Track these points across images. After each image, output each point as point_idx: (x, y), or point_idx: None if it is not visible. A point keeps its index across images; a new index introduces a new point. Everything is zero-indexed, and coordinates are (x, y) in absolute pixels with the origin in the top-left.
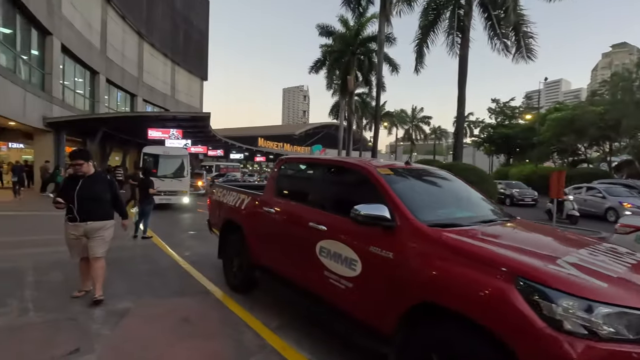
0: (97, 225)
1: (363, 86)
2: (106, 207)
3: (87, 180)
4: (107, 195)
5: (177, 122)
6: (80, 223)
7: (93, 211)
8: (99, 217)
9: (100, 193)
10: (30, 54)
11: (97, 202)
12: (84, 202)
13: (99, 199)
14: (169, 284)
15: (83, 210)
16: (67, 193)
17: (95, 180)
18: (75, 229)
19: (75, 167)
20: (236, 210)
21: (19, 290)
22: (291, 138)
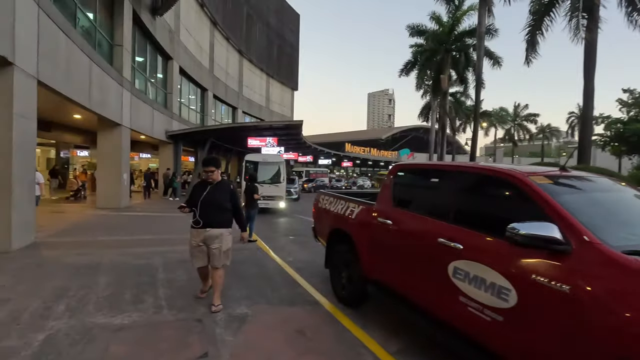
0: (215, 232)
1: (457, 84)
2: (226, 215)
3: (213, 188)
4: (228, 204)
5: (273, 130)
6: (201, 229)
7: (213, 218)
8: (217, 225)
9: (222, 201)
10: (156, 77)
11: (217, 210)
12: (206, 209)
13: (220, 207)
14: (279, 291)
15: (204, 216)
16: (193, 198)
17: (220, 188)
18: (197, 235)
19: (207, 173)
20: (346, 219)
21: (153, 287)
22: (377, 142)
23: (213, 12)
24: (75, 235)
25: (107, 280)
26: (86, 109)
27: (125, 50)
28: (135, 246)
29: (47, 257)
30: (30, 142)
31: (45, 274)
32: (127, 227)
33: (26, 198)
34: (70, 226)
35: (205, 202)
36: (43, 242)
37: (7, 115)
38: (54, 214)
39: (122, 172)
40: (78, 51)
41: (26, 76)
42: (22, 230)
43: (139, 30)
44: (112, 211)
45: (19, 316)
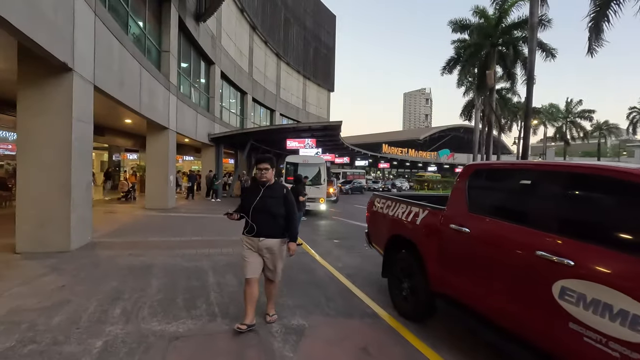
0: (270, 243)
1: (503, 80)
2: (280, 223)
3: (267, 191)
4: (281, 210)
5: (311, 131)
6: (255, 238)
7: (266, 226)
8: (271, 234)
9: (276, 206)
10: (199, 82)
11: (271, 218)
12: (258, 215)
13: (273, 214)
14: (333, 301)
15: (257, 224)
16: (245, 204)
17: (274, 191)
18: (250, 242)
19: (262, 171)
20: (408, 225)
21: (204, 292)
22: (415, 143)
23: (252, 17)
24: (127, 236)
25: (159, 283)
26: (136, 113)
27: (172, 56)
28: (184, 248)
29: (103, 257)
30: (87, 145)
31: (101, 275)
32: (174, 228)
33: (84, 199)
34: (122, 226)
35: (258, 209)
36: (98, 242)
37: (67, 119)
38: (107, 214)
39: (169, 174)
40: (130, 57)
41: (84, 81)
42: (80, 231)
43: (184, 37)
44: (160, 212)
45: (78, 319)
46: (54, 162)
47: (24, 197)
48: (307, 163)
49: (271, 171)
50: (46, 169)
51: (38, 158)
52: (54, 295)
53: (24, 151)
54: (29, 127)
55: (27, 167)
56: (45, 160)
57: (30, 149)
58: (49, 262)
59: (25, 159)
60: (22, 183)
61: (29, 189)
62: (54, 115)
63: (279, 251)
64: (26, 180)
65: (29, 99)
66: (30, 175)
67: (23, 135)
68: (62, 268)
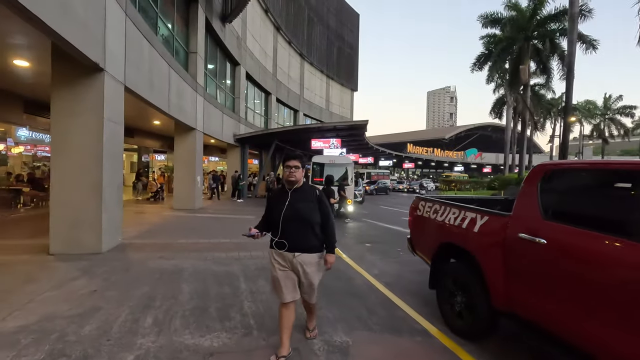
0: (306, 259)
1: (537, 76)
2: (316, 232)
3: (296, 196)
4: (316, 216)
5: (336, 131)
6: (287, 253)
7: (302, 238)
8: (308, 248)
9: (310, 213)
10: (225, 83)
11: (306, 227)
12: (290, 225)
13: (308, 222)
14: (376, 314)
15: (288, 235)
16: (272, 213)
17: (305, 194)
18: (282, 259)
19: (291, 169)
20: (463, 232)
21: (237, 301)
22: (440, 142)
23: (276, 17)
24: (156, 237)
25: (191, 289)
26: (165, 114)
27: (199, 57)
28: (213, 250)
29: (133, 260)
30: (118, 146)
31: (132, 279)
32: (202, 229)
33: (115, 200)
34: (151, 227)
35: (289, 218)
36: (129, 244)
37: (98, 119)
38: (137, 215)
39: (196, 175)
40: (159, 58)
41: (115, 82)
42: (111, 232)
43: (210, 38)
44: (188, 212)
45: (109, 330)
46: (85, 162)
47: (57, 198)
48: (334, 163)
49: (301, 171)
50: (78, 169)
51: (70, 159)
52: (85, 302)
53: (57, 152)
54: (62, 128)
55: (59, 168)
56: (77, 161)
57: (63, 150)
58: (81, 265)
59: (58, 160)
60: (55, 184)
61: (61, 189)
62: (85, 116)
63: (318, 267)
64: (59, 181)
65: (62, 99)
66: (62, 176)
67: (56, 137)
68: (94, 271)
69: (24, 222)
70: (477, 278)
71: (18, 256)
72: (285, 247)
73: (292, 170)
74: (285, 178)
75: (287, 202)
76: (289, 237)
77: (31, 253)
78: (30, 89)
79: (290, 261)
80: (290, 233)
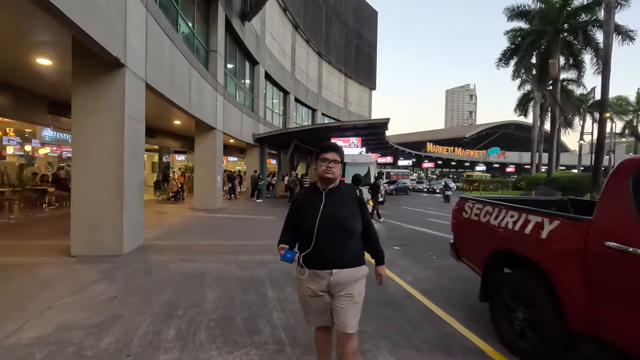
0: (347, 276)
1: (567, 70)
2: (357, 242)
3: (333, 196)
4: (358, 222)
5: (356, 130)
6: (322, 271)
7: (339, 251)
8: (349, 261)
9: (352, 219)
10: (244, 82)
11: (347, 235)
12: (326, 235)
13: (349, 230)
14: (420, 328)
15: (326, 249)
16: (302, 220)
17: (344, 196)
18: (313, 280)
19: (329, 164)
20: (525, 239)
21: (265, 310)
22: (460, 141)
23: (295, 16)
24: (178, 238)
25: (215, 296)
26: (186, 112)
27: (219, 56)
28: (236, 253)
29: (155, 262)
30: (139, 145)
31: (154, 284)
32: (224, 230)
33: (136, 200)
34: (172, 228)
35: (325, 226)
36: (150, 245)
37: (119, 117)
38: (158, 215)
39: (216, 175)
40: (180, 55)
41: (136, 78)
42: (132, 233)
43: (230, 37)
44: (208, 212)
45: (129, 343)
46: (106, 161)
47: (78, 198)
48: (357, 162)
49: (340, 166)
50: (99, 168)
51: (91, 157)
52: (105, 309)
53: (78, 151)
54: (82, 127)
55: (80, 167)
56: (97, 160)
57: (84, 149)
58: (102, 268)
59: (79, 159)
60: (76, 183)
61: (82, 189)
62: (106, 113)
63: (360, 285)
64: (79, 180)
65: (83, 97)
66: (83, 175)
67: (77, 135)
68: (114, 274)
69: (47, 222)
70: (546, 292)
71: (40, 258)
72: (321, 262)
73: (329, 164)
74: (320, 175)
75: (321, 206)
76: (325, 250)
77: (52, 255)
78: (53, 88)
79: (327, 281)
80: (327, 245)
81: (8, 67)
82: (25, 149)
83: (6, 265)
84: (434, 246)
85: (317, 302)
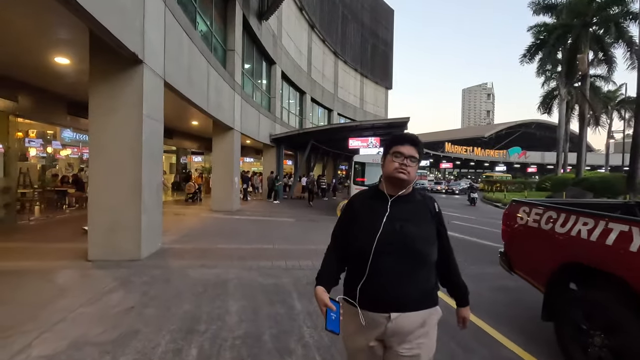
0: (412, 322)
1: (595, 66)
2: (430, 275)
3: (401, 206)
4: (433, 248)
5: (374, 130)
6: (379, 314)
7: (405, 285)
8: (416, 302)
9: (426, 240)
10: (261, 82)
11: (415, 263)
12: (387, 260)
13: (421, 256)
14: (474, 352)
15: (382, 279)
16: (354, 232)
17: (415, 207)
18: (365, 331)
19: (405, 161)
20: (607, 250)
21: (295, 325)
22: (479, 141)
23: (311, 15)
24: (197, 241)
25: (238, 307)
26: (204, 112)
27: (237, 55)
28: (257, 258)
29: (174, 268)
30: (157, 144)
31: (173, 294)
32: (243, 232)
33: (154, 202)
34: (190, 230)
35: (388, 245)
36: (168, 249)
37: (137, 115)
38: (176, 217)
39: (234, 176)
40: (198, 54)
41: (154, 75)
42: (150, 237)
43: (247, 36)
44: (226, 214)
45: None
46: (123, 161)
47: (95, 200)
48: (377, 162)
49: (417, 166)
50: (116, 169)
51: (108, 158)
52: (121, 322)
53: (95, 151)
54: (99, 126)
55: (97, 168)
56: (115, 160)
57: (101, 149)
58: (119, 274)
59: (96, 160)
60: (93, 185)
61: (99, 191)
62: (124, 112)
63: (430, 339)
64: (97, 182)
65: (100, 96)
66: (100, 176)
67: (94, 135)
68: (132, 281)
69: (67, 223)
70: (636, 315)
71: (56, 262)
72: (374, 303)
73: (405, 162)
74: (389, 174)
75: (384, 218)
76: (382, 283)
77: (69, 258)
78: (72, 88)
79: (384, 327)
80: (386, 275)
81: (28, 66)
82: (48, 151)
83: (22, 270)
84: (465, 251)
85: (371, 354)
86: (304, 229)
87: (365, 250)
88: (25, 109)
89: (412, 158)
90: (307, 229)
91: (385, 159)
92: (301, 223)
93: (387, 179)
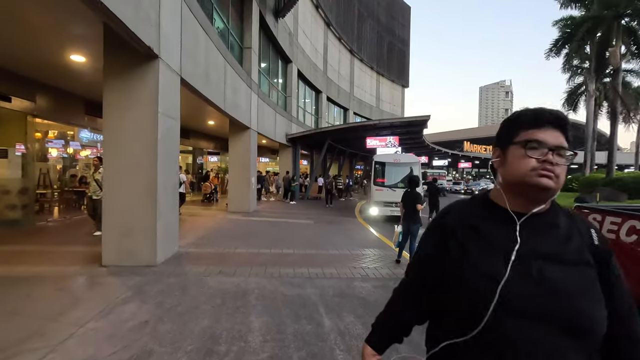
0: None
1: (627, 59)
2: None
3: (539, 234)
4: (602, 312)
5: (392, 129)
6: None
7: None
8: None
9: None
10: (277, 81)
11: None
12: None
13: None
14: None
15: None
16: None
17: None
18: None
19: (550, 155)
20: None
21: (326, 347)
22: None
23: (327, 13)
24: (214, 245)
25: (261, 324)
26: (221, 110)
27: (254, 53)
28: (278, 264)
29: (190, 276)
30: (174, 144)
31: (190, 306)
32: (261, 235)
33: (170, 204)
34: (207, 232)
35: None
36: (185, 253)
37: (153, 113)
38: (192, 218)
39: (250, 176)
40: (215, 51)
41: (170, 71)
42: (166, 241)
43: (264, 34)
44: (242, 215)
45: None
46: (139, 162)
47: (109, 202)
48: (399, 162)
49: (569, 162)
50: (131, 169)
51: (123, 158)
52: (134, 340)
53: (109, 151)
54: (113, 125)
55: (111, 169)
56: (130, 160)
57: (115, 148)
58: (133, 282)
59: (110, 159)
60: (107, 186)
61: (113, 193)
62: (138, 109)
63: None
64: (111, 183)
65: (114, 92)
66: (114, 177)
67: (108, 134)
68: (146, 291)
69: (84, 225)
70: None
71: (69, 267)
72: None
73: (549, 157)
74: (521, 178)
75: (513, 253)
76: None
77: (83, 264)
78: (88, 88)
79: None
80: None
81: (45, 65)
82: (68, 151)
83: (34, 276)
84: None
85: None
86: (324, 231)
87: (477, 308)
88: (43, 109)
89: (561, 150)
90: (328, 232)
91: (508, 151)
92: (320, 225)
93: (515, 187)
